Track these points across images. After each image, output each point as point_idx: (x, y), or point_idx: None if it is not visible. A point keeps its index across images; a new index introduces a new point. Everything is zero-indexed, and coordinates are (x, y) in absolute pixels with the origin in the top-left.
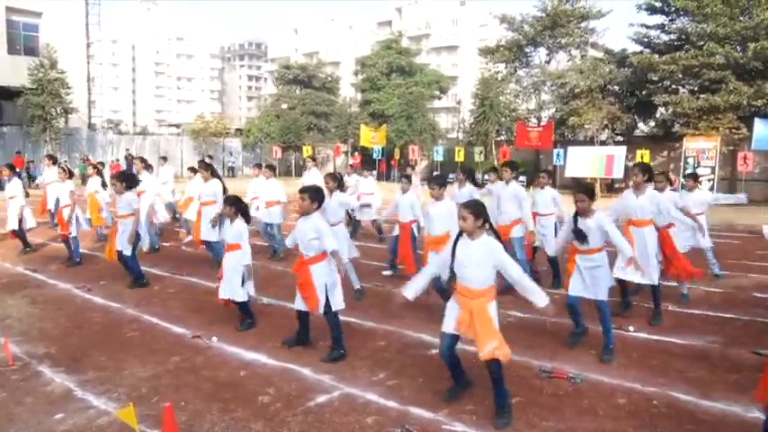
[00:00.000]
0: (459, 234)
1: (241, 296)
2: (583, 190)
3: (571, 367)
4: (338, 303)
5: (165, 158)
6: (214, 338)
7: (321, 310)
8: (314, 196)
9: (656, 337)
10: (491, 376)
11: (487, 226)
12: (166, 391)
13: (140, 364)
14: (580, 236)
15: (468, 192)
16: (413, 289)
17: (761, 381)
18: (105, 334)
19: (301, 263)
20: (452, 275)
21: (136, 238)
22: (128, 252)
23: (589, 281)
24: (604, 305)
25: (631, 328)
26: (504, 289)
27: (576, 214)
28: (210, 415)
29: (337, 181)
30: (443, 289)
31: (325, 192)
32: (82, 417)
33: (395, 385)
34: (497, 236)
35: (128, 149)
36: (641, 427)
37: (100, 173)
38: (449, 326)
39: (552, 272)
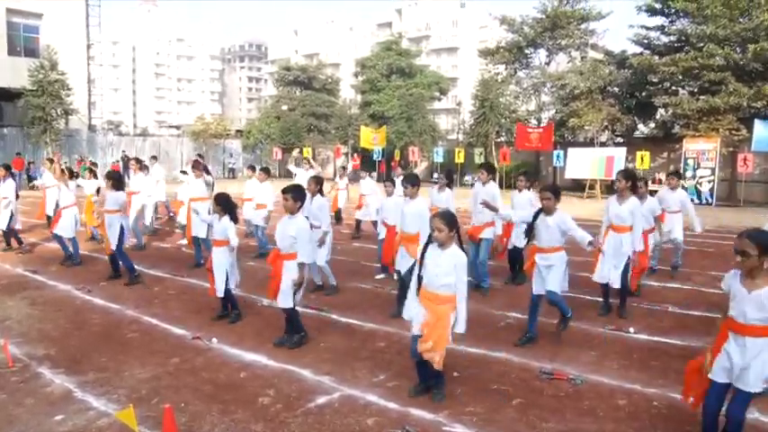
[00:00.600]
0: (429, 242)
1: (221, 291)
2: (549, 188)
3: (571, 368)
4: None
5: (155, 157)
6: (214, 340)
7: (286, 304)
8: (296, 196)
9: (656, 339)
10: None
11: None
12: (166, 393)
13: (140, 365)
14: (529, 231)
15: (446, 197)
16: (410, 309)
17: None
18: (105, 335)
19: (277, 256)
20: (419, 280)
21: (121, 233)
22: (114, 246)
23: (546, 276)
24: (554, 295)
25: (631, 330)
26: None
27: (540, 211)
28: (210, 416)
29: (320, 185)
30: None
31: (307, 194)
32: (82, 418)
33: (395, 386)
34: (461, 246)
35: (124, 151)
36: (642, 428)
37: (95, 175)
38: (416, 329)
39: (511, 267)
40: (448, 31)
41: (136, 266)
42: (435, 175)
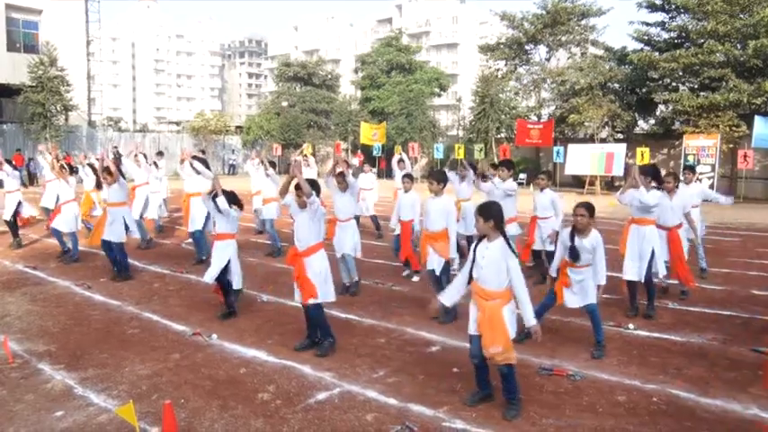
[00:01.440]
0: (481, 237)
1: (210, 278)
2: (585, 204)
3: (571, 365)
4: (329, 294)
5: (161, 153)
6: (214, 336)
7: (317, 299)
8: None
9: (655, 335)
10: (500, 373)
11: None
12: (166, 389)
13: (140, 361)
14: (574, 254)
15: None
16: (450, 296)
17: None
18: (105, 331)
19: (295, 255)
20: (470, 278)
21: (124, 228)
22: (116, 239)
23: (578, 291)
24: (594, 307)
25: (631, 326)
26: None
27: (574, 230)
28: (210, 412)
29: (343, 180)
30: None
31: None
32: (82, 414)
33: (395, 382)
34: (506, 239)
35: (115, 146)
36: (641, 424)
37: (94, 170)
38: (471, 328)
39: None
40: (448, 27)
41: (137, 262)
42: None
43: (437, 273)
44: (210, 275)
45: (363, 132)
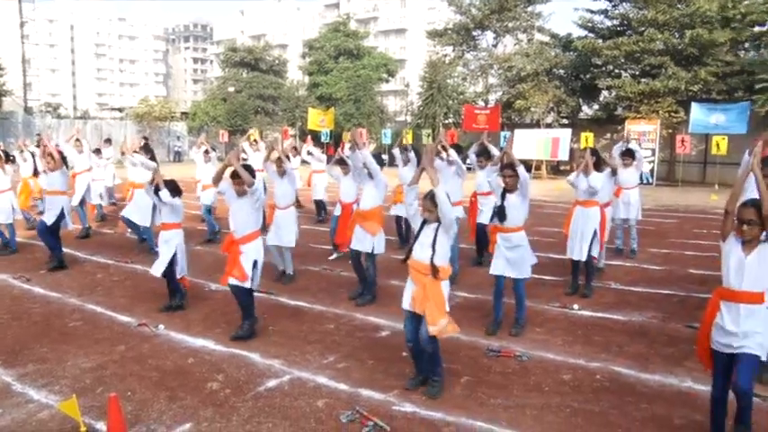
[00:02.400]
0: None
1: (158, 271)
2: (509, 166)
3: (518, 346)
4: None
5: (109, 141)
6: (161, 326)
7: (248, 284)
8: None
9: (599, 315)
10: (427, 350)
11: None
12: (112, 382)
13: (84, 354)
14: (501, 214)
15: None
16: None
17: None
18: (46, 325)
19: (232, 242)
20: (408, 252)
21: (60, 215)
22: (48, 222)
23: (511, 260)
24: (521, 283)
25: (576, 307)
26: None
27: (505, 191)
28: (158, 404)
29: (282, 165)
30: (360, 269)
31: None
32: (21, 411)
33: (345, 368)
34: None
35: (38, 133)
36: (585, 401)
37: (34, 157)
38: (405, 302)
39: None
40: (396, 13)
41: (78, 253)
42: (395, 153)
43: (362, 254)
44: (158, 269)
45: (311, 118)
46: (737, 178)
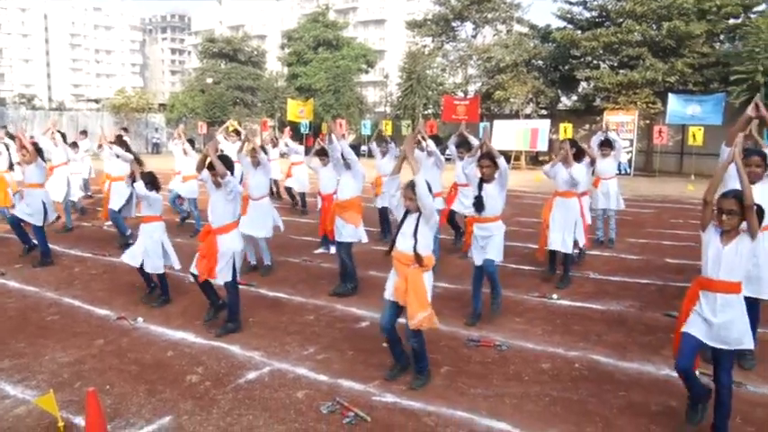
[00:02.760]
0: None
1: (158, 268)
2: (487, 155)
3: (497, 336)
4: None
5: (84, 133)
6: (139, 319)
7: (224, 279)
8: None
9: (578, 304)
10: (412, 349)
11: None
12: (90, 376)
13: (61, 349)
14: (479, 205)
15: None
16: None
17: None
18: (22, 319)
19: (208, 232)
20: (392, 244)
21: (44, 211)
22: (37, 222)
23: (483, 246)
24: (491, 263)
25: (554, 296)
26: None
27: (481, 181)
28: (137, 397)
29: (257, 157)
30: (345, 262)
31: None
32: None
33: (325, 359)
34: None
35: (4, 126)
36: (564, 389)
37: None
38: (388, 292)
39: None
40: (375, 3)
41: (56, 246)
42: (372, 146)
43: (344, 244)
44: (157, 267)
45: (290, 109)
46: (717, 169)
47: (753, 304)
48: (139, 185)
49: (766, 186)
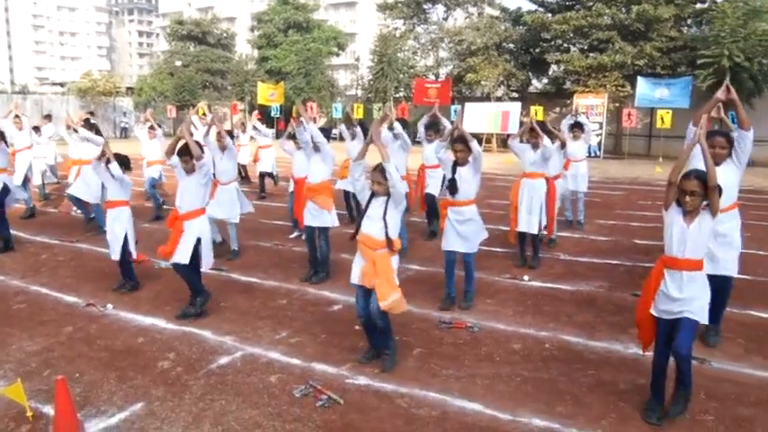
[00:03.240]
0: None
1: (116, 254)
2: (459, 139)
3: (469, 317)
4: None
5: (49, 117)
6: (109, 306)
7: (185, 261)
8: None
9: (548, 285)
10: (379, 324)
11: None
12: (59, 364)
13: (29, 337)
14: (453, 187)
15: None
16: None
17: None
18: None
19: (176, 217)
20: (357, 228)
21: (2, 193)
22: None
23: (462, 234)
24: (471, 258)
25: (526, 278)
26: None
27: (455, 164)
28: (108, 384)
29: (224, 141)
30: (314, 247)
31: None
32: None
33: (297, 343)
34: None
35: None
36: (535, 369)
37: None
38: (355, 277)
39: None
40: None
41: (21, 233)
42: (342, 128)
43: (315, 230)
44: (116, 251)
45: (261, 93)
46: (683, 150)
47: (722, 283)
48: (115, 167)
49: (729, 168)
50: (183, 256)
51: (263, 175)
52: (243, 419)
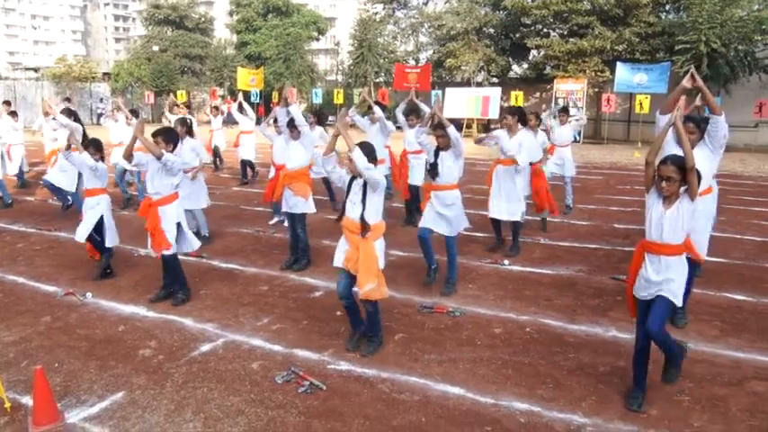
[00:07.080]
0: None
1: (81, 237)
2: (440, 126)
3: (450, 302)
4: (188, 244)
5: (8, 103)
6: (88, 294)
7: (170, 250)
8: (167, 138)
9: (528, 269)
10: (366, 313)
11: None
12: (37, 354)
13: (6, 328)
14: (434, 171)
15: (319, 133)
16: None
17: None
18: None
19: (149, 205)
20: (342, 212)
21: None
22: None
23: (445, 217)
24: (452, 242)
25: (506, 262)
26: None
27: (438, 149)
28: (88, 374)
29: (187, 126)
30: (299, 235)
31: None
32: None
33: (279, 329)
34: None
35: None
36: (515, 353)
37: None
38: (338, 260)
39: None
40: None
41: None
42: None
43: (298, 216)
44: (81, 234)
45: (240, 78)
46: (658, 134)
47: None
48: (86, 156)
49: (702, 152)
50: (169, 245)
51: (244, 163)
52: (225, 406)
